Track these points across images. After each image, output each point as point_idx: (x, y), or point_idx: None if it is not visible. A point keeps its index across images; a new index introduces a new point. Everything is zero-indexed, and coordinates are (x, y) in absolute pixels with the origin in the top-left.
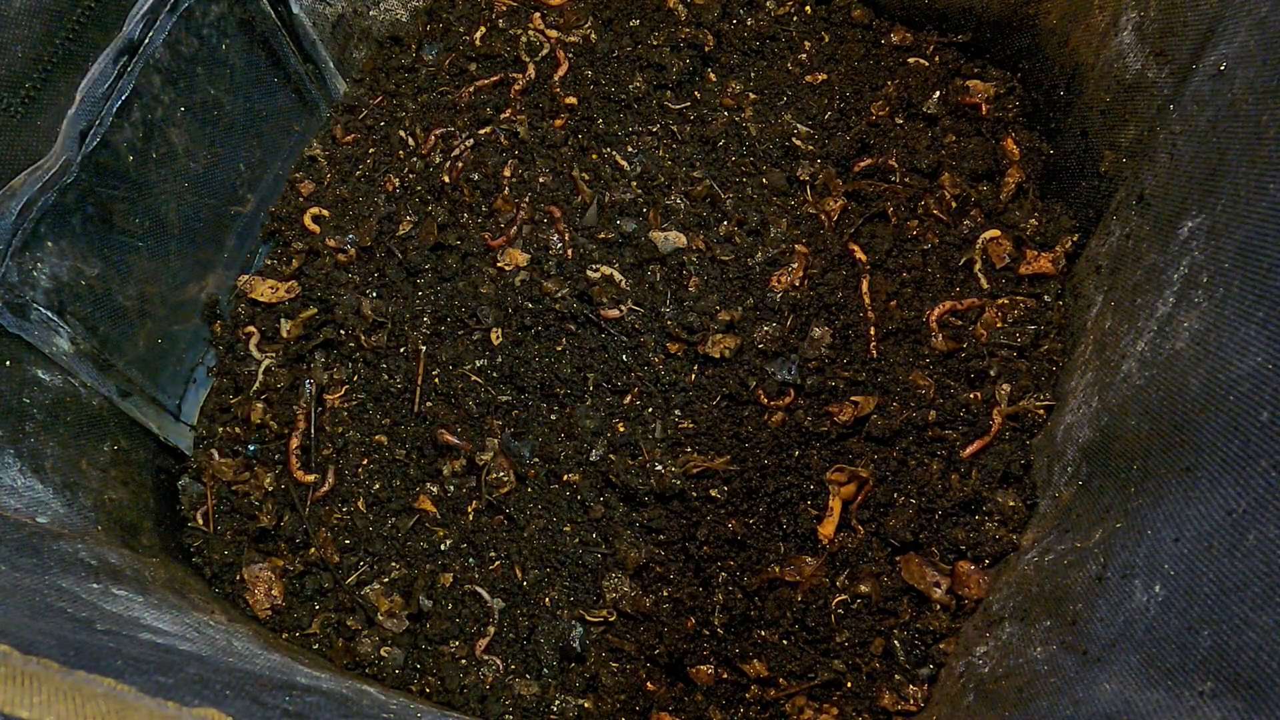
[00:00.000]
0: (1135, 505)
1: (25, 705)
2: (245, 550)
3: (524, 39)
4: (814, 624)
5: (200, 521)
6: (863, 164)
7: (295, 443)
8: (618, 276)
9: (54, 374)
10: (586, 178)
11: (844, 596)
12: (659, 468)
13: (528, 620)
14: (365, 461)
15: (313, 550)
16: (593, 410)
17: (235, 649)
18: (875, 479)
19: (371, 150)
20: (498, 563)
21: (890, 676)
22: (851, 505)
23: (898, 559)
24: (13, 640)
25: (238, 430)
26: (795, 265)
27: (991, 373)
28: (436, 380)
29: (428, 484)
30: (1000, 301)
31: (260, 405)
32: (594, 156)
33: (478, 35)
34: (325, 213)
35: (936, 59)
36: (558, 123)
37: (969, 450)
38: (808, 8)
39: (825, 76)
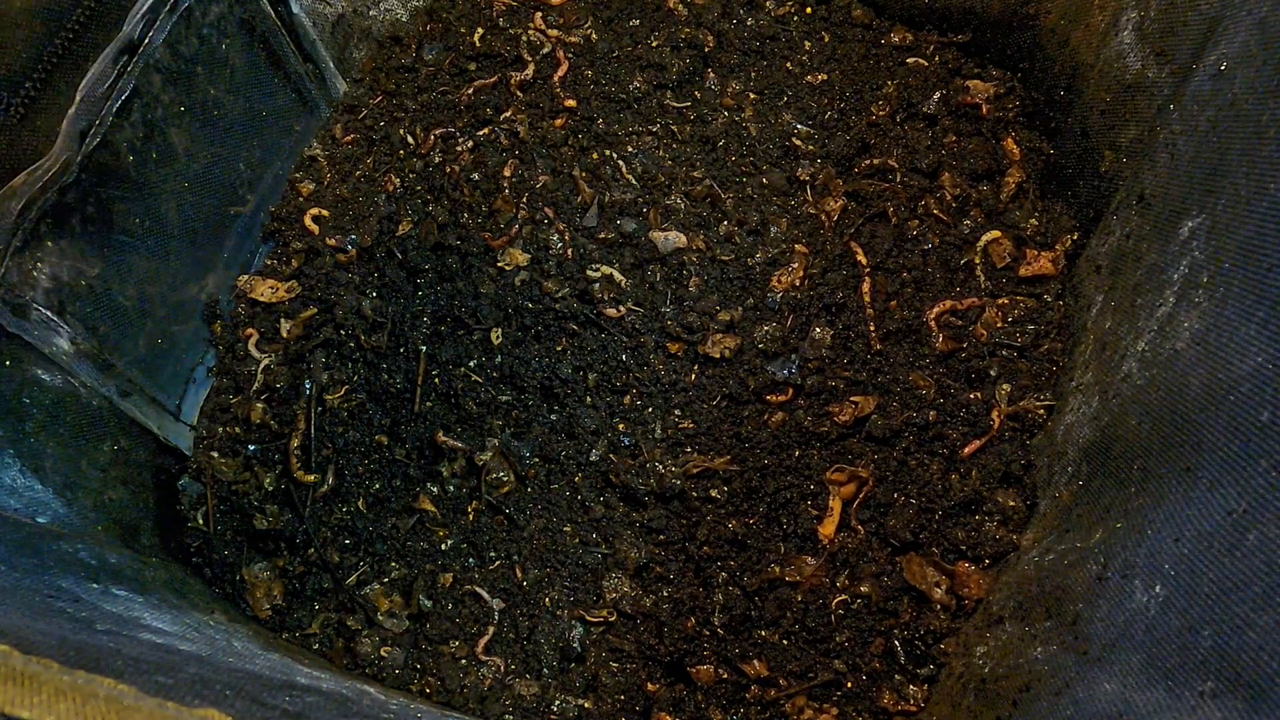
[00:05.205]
0: (1136, 505)
1: (25, 705)
2: (245, 550)
3: (524, 39)
4: (814, 624)
5: (200, 521)
6: (863, 164)
7: (295, 443)
8: (618, 276)
9: (54, 374)
10: (586, 178)
11: (844, 596)
12: (659, 468)
13: (528, 620)
14: (365, 461)
15: (313, 550)
16: (593, 410)
17: (235, 649)
18: (875, 479)
19: (371, 150)
20: (498, 563)
21: (890, 676)
22: (851, 505)
23: (898, 559)
24: (13, 640)
25: (238, 430)
26: (795, 265)
27: (992, 373)
28: (436, 380)
29: (428, 484)
30: (1000, 301)
31: (260, 405)
32: (594, 156)
33: (477, 35)
34: (325, 213)
35: (936, 59)
36: (558, 123)
37: (969, 450)
38: (808, 8)
39: (825, 76)
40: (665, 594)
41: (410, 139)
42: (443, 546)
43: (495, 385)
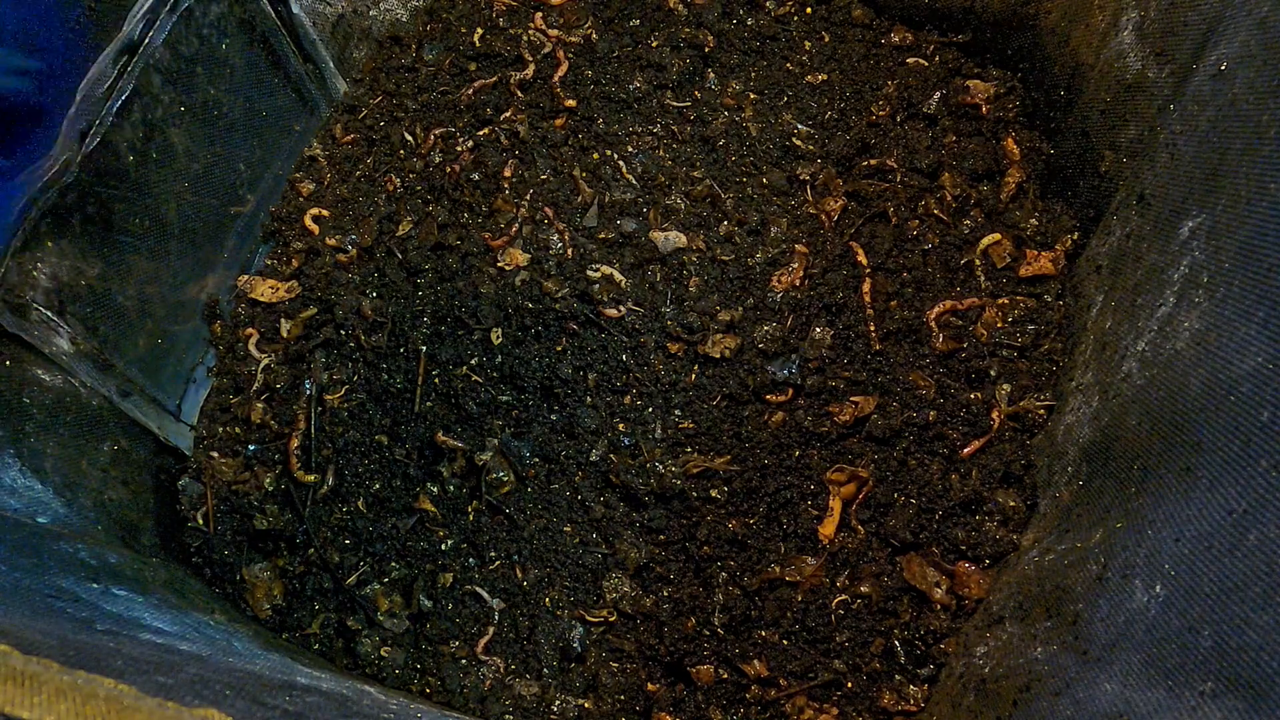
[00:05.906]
0: (1136, 505)
1: (25, 705)
2: (245, 550)
3: (524, 39)
4: (814, 624)
5: (200, 521)
6: (863, 164)
7: (295, 443)
8: (618, 276)
9: (54, 374)
10: (586, 178)
11: (844, 596)
12: (659, 468)
13: (528, 620)
14: (365, 461)
15: (313, 550)
16: (593, 410)
17: (235, 649)
18: (875, 479)
19: (371, 150)
20: (498, 563)
21: (890, 676)
22: (851, 505)
23: (898, 559)
24: (13, 640)
25: (238, 430)
26: (795, 265)
27: (992, 373)
28: (436, 380)
29: (428, 484)
30: (1000, 301)
31: (260, 405)
32: (594, 156)
33: (477, 35)
34: (325, 213)
35: (936, 59)
36: (558, 123)
37: (969, 450)
38: (808, 8)
39: (825, 76)
40: (665, 594)
41: (410, 139)
42: (443, 546)
43: (495, 385)
